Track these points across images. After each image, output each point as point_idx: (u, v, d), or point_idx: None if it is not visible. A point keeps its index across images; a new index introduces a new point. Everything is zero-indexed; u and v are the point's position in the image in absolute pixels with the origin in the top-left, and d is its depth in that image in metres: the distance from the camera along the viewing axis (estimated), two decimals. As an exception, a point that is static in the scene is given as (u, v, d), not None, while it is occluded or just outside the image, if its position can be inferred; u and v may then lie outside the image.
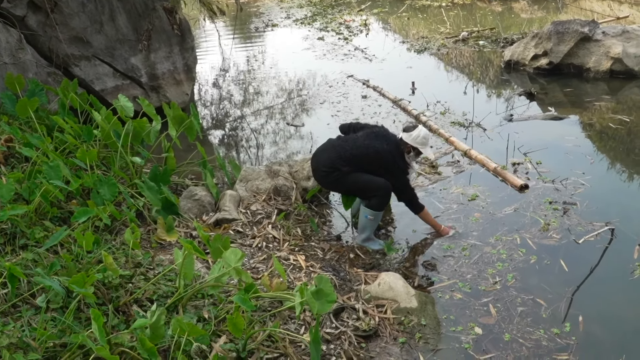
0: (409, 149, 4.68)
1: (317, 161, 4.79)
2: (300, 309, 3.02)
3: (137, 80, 7.56)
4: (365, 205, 4.66)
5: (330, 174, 4.65)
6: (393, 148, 4.65)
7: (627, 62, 9.13)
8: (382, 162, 4.60)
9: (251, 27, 16.24)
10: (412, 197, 4.76)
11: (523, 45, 10.29)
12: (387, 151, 4.61)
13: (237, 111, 8.99)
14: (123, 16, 7.29)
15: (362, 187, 4.66)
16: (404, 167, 4.69)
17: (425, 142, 4.66)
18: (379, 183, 4.59)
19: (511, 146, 6.59)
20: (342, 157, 4.61)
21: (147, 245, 4.20)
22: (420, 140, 4.63)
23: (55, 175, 4.00)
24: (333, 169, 4.62)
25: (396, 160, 4.63)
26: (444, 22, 14.87)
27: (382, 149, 4.61)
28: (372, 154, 4.59)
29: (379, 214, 4.71)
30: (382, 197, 4.61)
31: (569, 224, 4.92)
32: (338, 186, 4.81)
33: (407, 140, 4.64)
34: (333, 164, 4.61)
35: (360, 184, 4.64)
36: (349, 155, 4.60)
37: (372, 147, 4.61)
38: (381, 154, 4.59)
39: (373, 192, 4.61)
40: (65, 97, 5.44)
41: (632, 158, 6.42)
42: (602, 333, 3.69)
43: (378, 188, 4.58)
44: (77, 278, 2.80)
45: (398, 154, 4.65)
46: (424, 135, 4.65)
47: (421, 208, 4.79)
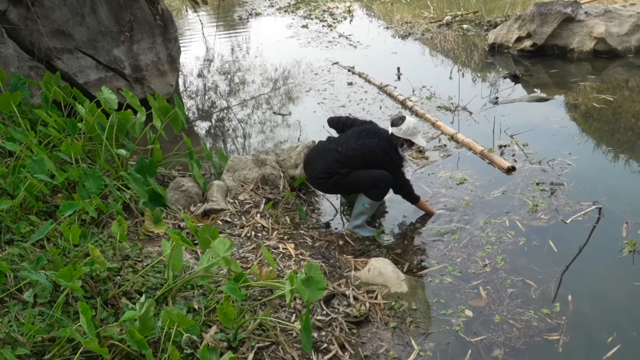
0: (402, 142, 4.69)
1: (313, 168, 4.74)
2: (291, 297, 3.01)
3: (121, 72, 7.48)
4: (365, 193, 4.66)
5: (329, 179, 4.62)
6: (386, 144, 4.66)
7: (610, 41, 9.17)
8: (378, 159, 4.60)
9: (234, 16, 16.11)
10: (409, 190, 4.84)
11: (507, 28, 10.30)
12: (381, 148, 4.61)
13: (223, 101, 8.94)
14: (104, 8, 7.19)
15: (362, 184, 4.64)
16: (399, 162, 4.72)
17: (416, 132, 4.67)
18: (379, 175, 4.58)
19: (497, 129, 6.61)
20: (339, 161, 4.58)
21: (135, 237, 4.17)
22: (410, 131, 4.63)
23: (40, 169, 3.95)
24: (331, 174, 4.59)
25: (391, 156, 4.65)
26: (428, 6, 14.84)
27: (377, 147, 4.61)
28: (367, 154, 4.59)
29: (377, 204, 4.73)
30: (383, 188, 4.63)
31: (556, 205, 4.94)
32: (339, 189, 4.79)
33: (398, 134, 4.64)
34: (330, 169, 4.58)
35: (360, 181, 4.63)
36: (344, 157, 4.57)
37: (367, 147, 4.61)
38: (376, 152, 4.60)
39: (375, 185, 4.60)
40: (48, 91, 5.36)
41: (618, 137, 6.46)
42: (592, 312, 3.72)
43: (379, 180, 4.58)
44: (64, 272, 2.77)
45: (392, 150, 4.67)
46: (414, 126, 4.65)
47: (418, 199, 4.88)
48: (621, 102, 7.40)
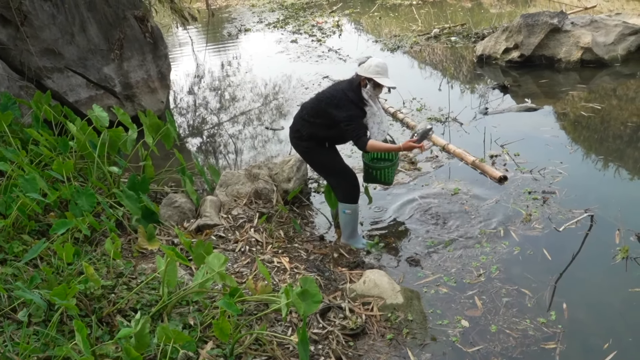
0: (364, 82, 4.32)
1: (290, 129, 4.78)
2: (287, 311, 3.00)
3: (111, 89, 7.48)
4: (340, 200, 4.66)
5: (300, 142, 4.63)
6: (345, 84, 4.44)
7: (597, 51, 9.28)
8: (332, 99, 4.36)
9: (224, 32, 16.18)
10: (356, 128, 4.31)
11: (494, 40, 10.40)
12: (336, 88, 4.45)
13: (214, 117, 8.95)
14: (94, 26, 7.21)
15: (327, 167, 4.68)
16: (355, 98, 4.32)
17: (380, 70, 4.26)
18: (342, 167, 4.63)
19: (488, 139, 6.65)
20: (302, 116, 4.57)
21: (129, 254, 4.15)
22: (373, 69, 4.25)
23: (32, 188, 3.93)
24: (298, 135, 4.61)
25: (345, 92, 4.34)
26: (415, 20, 14.96)
27: (333, 88, 4.51)
28: (324, 96, 4.45)
29: (355, 207, 4.69)
30: (349, 185, 4.61)
31: (549, 213, 4.97)
32: (309, 161, 4.84)
33: (361, 73, 4.30)
34: (297, 128, 4.61)
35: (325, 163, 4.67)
36: (307, 110, 4.54)
37: (324, 91, 4.53)
38: (331, 92, 4.44)
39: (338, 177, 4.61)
40: (38, 110, 5.36)
41: (607, 145, 6.52)
42: (588, 319, 3.73)
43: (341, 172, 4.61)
44: (58, 290, 2.75)
45: (350, 89, 4.35)
46: (377, 64, 4.26)
47: (366, 141, 4.29)
48: (609, 111, 7.48)
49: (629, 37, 9.53)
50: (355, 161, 6.21)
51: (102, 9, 7.25)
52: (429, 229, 4.99)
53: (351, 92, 4.33)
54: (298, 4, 19.85)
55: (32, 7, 6.51)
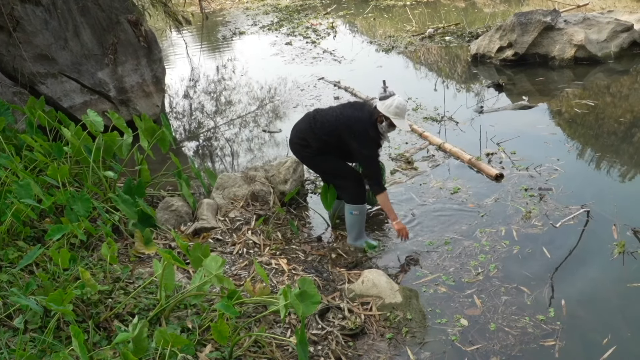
0: (381, 119, 4.42)
1: (294, 131, 4.76)
2: (285, 312, 2.99)
3: (106, 94, 7.46)
4: (347, 201, 4.66)
5: (304, 149, 4.64)
6: (366, 116, 4.45)
7: (590, 48, 9.30)
8: (350, 129, 4.41)
9: (218, 35, 16.16)
10: (376, 173, 4.54)
11: (488, 38, 10.41)
12: (358, 118, 4.44)
13: (210, 121, 8.93)
14: (87, 31, 7.19)
15: (332, 172, 4.69)
16: (375, 135, 4.45)
17: (399, 112, 4.36)
18: (347, 170, 4.64)
19: (484, 137, 6.65)
20: (313, 129, 4.54)
21: (126, 259, 4.13)
22: (392, 110, 4.33)
23: (26, 194, 3.91)
24: (305, 144, 4.61)
25: (367, 127, 4.41)
26: (410, 20, 14.98)
27: (354, 117, 4.45)
28: (341, 120, 4.45)
29: (363, 207, 4.69)
30: (355, 186, 4.61)
31: (546, 210, 4.98)
32: (311, 166, 4.89)
33: (380, 109, 4.37)
34: (305, 137, 4.60)
35: (330, 168, 4.68)
36: (319, 124, 4.52)
37: (343, 114, 4.48)
38: (351, 120, 4.43)
39: (343, 179, 4.61)
40: (32, 116, 5.33)
41: (602, 141, 6.53)
42: (586, 314, 3.73)
43: (347, 175, 4.62)
44: (54, 296, 2.73)
45: (370, 123, 4.42)
46: (397, 105, 4.33)
47: (382, 189, 4.51)
48: (603, 107, 7.50)
49: (621, 34, 9.56)
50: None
51: (95, 14, 7.23)
52: (427, 228, 4.98)
53: (372, 129, 4.43)
54: (292, 7, 19.87)
55: (24, 12, 6.50)
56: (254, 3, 21.70)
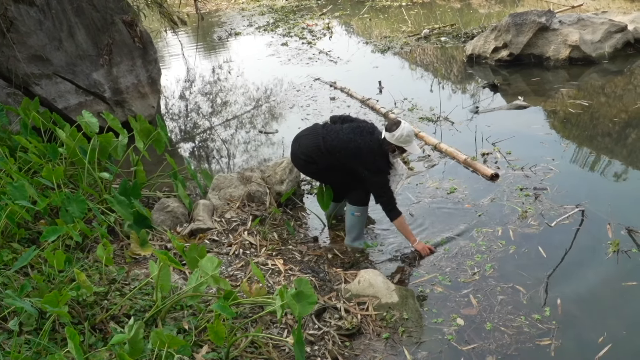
0: (393, 149, 4.44)
1: (297, 145, 4.69)
2: (282, 313, 2.98)
3: (101, 95, 7.44)
4: (350, 202, 4.66)
5: (309, 165, 4.62)
6: (375, 146, 4.43)
7: (585, 48, 9.33)
8: (361, 158, 4.40)
9: (214, 36, 16.15)
10: (390, 199, 4.50)
11: (483, 39, 10.43)
12: (368, 148, 4.41)
13: (206, 122, 8.92)
14: (82, 32, 7.17)
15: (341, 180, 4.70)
16: (384, 167, 4.46)
17: (410, 139, 4.37)
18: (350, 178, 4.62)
19: (479, 137, 6.66)
20: (321, 149, 4.48)
21: (121, 260, 4.12)
22: (404, 139, 4.35)
23: (21, 195, 3.89)
24: (311, 160, 4.57)
25: (376, 158, 4.42)
26: (405, 21, 15.00)
27: (364, 145, 4.40)
28: (352, 149, 4.41)
29: (365, 209, 4.70)
30: (361, 190, 4.62)
31: (541, 209, 4.99)
32: (316, 178, 4.94)
33: (391, 140, 4.36)
34: (311, 154, 4.54)
35: (339, 180, 4.71)
36: (329, 146, 4.46)
37: (354, 142, 4.42)
38: (362, 150, 4.40)
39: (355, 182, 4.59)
40: (27, 117, 5.31)
41: (596, 141, 6.55)
42: (582, 313, 3.75)
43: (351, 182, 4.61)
44: (50, 297, 2.72)
45: (379, 153, 4.43)
46: (407, 134, 4.34)
47: (398, 214, 4.50)
48: (598, 108, 7.52)
49: (616, 34, 9.60)
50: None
51: (89, 14, 7.21)
52: (423, 228, 4.99)
53: (381, 160, 4.45)
54: (288, 7, 19.87)
55: (18, 13, 6.47)
56: (249, 4, 21.70)
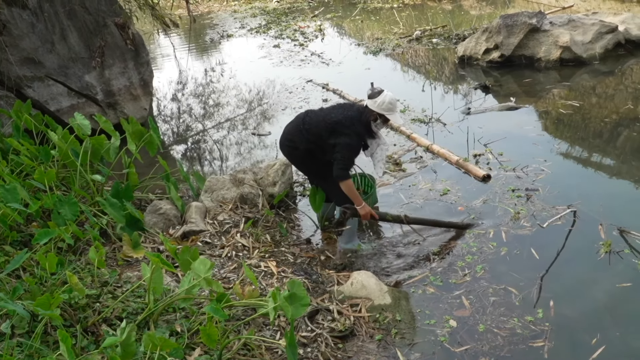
0: (375, 117, 4.43)
1: (284, 132, 4.77)
2: (274, 315, 2.99)
3: (93, 97, 7.42)
4: (338, 204, 4.68)
5: (293, 151, 4.66)
6: (355, 114, 4.43)
7: (576, 49, 9.38)
8: (338, 128, 4.36)
9: (206, 38, 16.13)
10: (347, 161, 4.40)
11: (475, 40, 10.47)
12: (348, 118, 4.40)
13: (198, 124, 8.91)
14: (74, 34, 7.15)
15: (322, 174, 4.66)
16: (362, 132, 4.44)
17: (392, 107, 4.37)
18: None
19: (471, 138, 6.69)
20: (301, 131, 4.53)
21: (113, 263, 4.11)
22: (386, 106, 4.34)
23: (13, 198, 3.88)
24: (293, 145, 4.61)
25: (355, 124, 4.39)
26: (397, 22, 15.04)
27: (343, 117, 4.41)
28: (330, 122, 4.41)
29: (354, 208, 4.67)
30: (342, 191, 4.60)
31: (533, 210, 5.01)
32: (301, 168, 4.96)
33: (372, 107, 4.37)
34: (293, 138, 4.60)
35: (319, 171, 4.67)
36: (307, 125, 4.49)
37: (332, 115, 4.44)
38: (340, 122, 4.39)
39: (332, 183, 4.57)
40: (19, 119, 5.29)
41: (588, 142, 6.58)
42: (575, 314, 3.76)
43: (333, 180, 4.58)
44: (42, 300, 2.72)
45: (360, 121, 4.41)
46: (390, 101, 4.35)
47: (347, 177, 4.38)
48: (589, 108, 7.56)
49: (606, 35, 9.66)
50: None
51: (82, 17, 7.19)
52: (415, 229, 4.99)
53: (360, 125, 4.41)
54: (280, 9, 19.87)
55: (10, 15, 6.45)
56: (241, 6, 21.69)
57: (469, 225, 4.92)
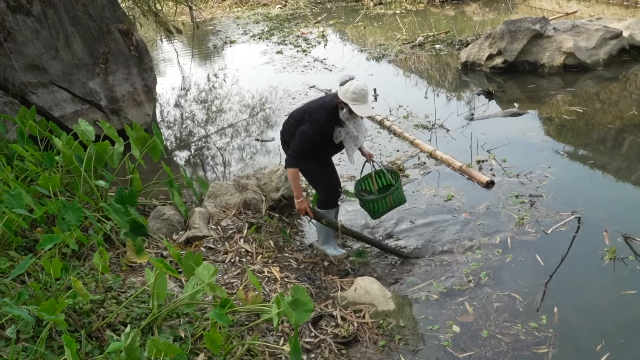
0: (341, 105, 4.13)
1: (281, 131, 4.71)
2: (278, 321, 2.99)
3: (97, 104, 7.45)
4: (316, 205, 4.67)
5: (287, 149, 4.49)
6: (325, 102, 4.28)
7: (579, 55, 9.38)
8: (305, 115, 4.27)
9: (209, 44, 16.18)
10: (300, 149, 4.24)
11: (478, 46, 10.48)
12: (316, 105, 4.32)
13: (202, 130, 8.93)
14: (78, 41, 7.19)
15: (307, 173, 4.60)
16: (324, 119, 4.20)
17: (357, 97, 4.01)
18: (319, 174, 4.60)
19: (474, 144, 6.68)
20: (288, 126, 4.46)
21: (117, 268, 4.12)
22: (349, 95, 4.01)
23: (18, 203, 3.89)
24: (285, 145, 4.53)
25: (318, 111, 4.23)
26: (400, 28, 15.06)
27: (312, 105, 4.37)
28: (300, 111, 4.38)
29: (325, 212, 4.61)
30: (324, 194, 4.61)
31: (537, 216, 5.01)
32: None
33: (340, 95, 4.09)
34: (283, 135, 4.55)
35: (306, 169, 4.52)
36: (292, 119, 4.42)
37: (305, 105, 4.43)
38: (307, 109, 4.33)
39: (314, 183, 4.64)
40: (23, 125, 5.32)
41: (592, 148, 6.58)
42: (579, 321, 3.75)
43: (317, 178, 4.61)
44: (46, 305, 2.72)
45: (327, 109, 4.22)
46: (354, 90, 4.00)
47: (294, 165, 4.26)
48: (593, 115, 7.56)
49: (610, 41, 9.66)
50: (343, 170, 6.22)
51: (86, 24, 7.23)
52: (419, 235, 4.99)
53: (324, 113, 4.21)
54: (283, 16, 19.92)
55: (15, 22, 6.49)
56: (244, 12, 21.74)
57: (410, 254, 4.74)
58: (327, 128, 4.24)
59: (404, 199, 4.65)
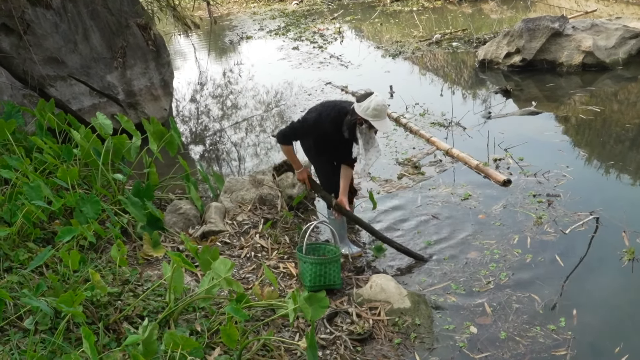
0: (361, 121, 4.14)
1: None
2: (294, 316, 2.99)
3: (114, 97, 7.49)
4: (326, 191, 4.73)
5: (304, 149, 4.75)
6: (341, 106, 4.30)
7: (598, 54, 9.28)
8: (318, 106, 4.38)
9: (226, 40, 16.21)
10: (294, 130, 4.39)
11: (495, 44, 10.41)
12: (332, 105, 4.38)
13: (217, 125, 8.95)
14: (97, 34, 7.23)
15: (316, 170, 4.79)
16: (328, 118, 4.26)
17: (377, 114, 4.02)
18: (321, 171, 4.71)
19: (491, 143, 6.63)
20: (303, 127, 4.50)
21: (134, 262, 4.14)
22: (370, 112, 4.01)
23: (37, 195, 3.93)
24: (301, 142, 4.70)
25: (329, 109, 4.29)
26: (417, 25, 14.98)
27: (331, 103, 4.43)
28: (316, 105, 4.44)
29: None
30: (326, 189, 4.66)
31: (555, 216, 4.96)
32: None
33: (358, 111, 4.07)
34: None
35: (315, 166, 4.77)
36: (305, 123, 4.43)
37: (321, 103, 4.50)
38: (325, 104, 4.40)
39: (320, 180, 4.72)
40: (42, 118, 5.36)
41: (610, 147, 6.51)
42: (597, 323, 3.70)
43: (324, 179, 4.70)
44: (65, 297, 2.74)
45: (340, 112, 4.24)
46: (375, 107, 4.00)
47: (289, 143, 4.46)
48: (610, 114, 7.48)
49: (630, 40, 9.54)
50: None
51: (104, 18, 7.27)
52: (436, 234, 4.95)
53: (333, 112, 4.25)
54: (299, 12, 19.91)
55: (34, 15, 6.53)
56: (260, 8, 21.77)
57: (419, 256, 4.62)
58: (327, 128, 4.28)
59: (339, 282, 4.09)
